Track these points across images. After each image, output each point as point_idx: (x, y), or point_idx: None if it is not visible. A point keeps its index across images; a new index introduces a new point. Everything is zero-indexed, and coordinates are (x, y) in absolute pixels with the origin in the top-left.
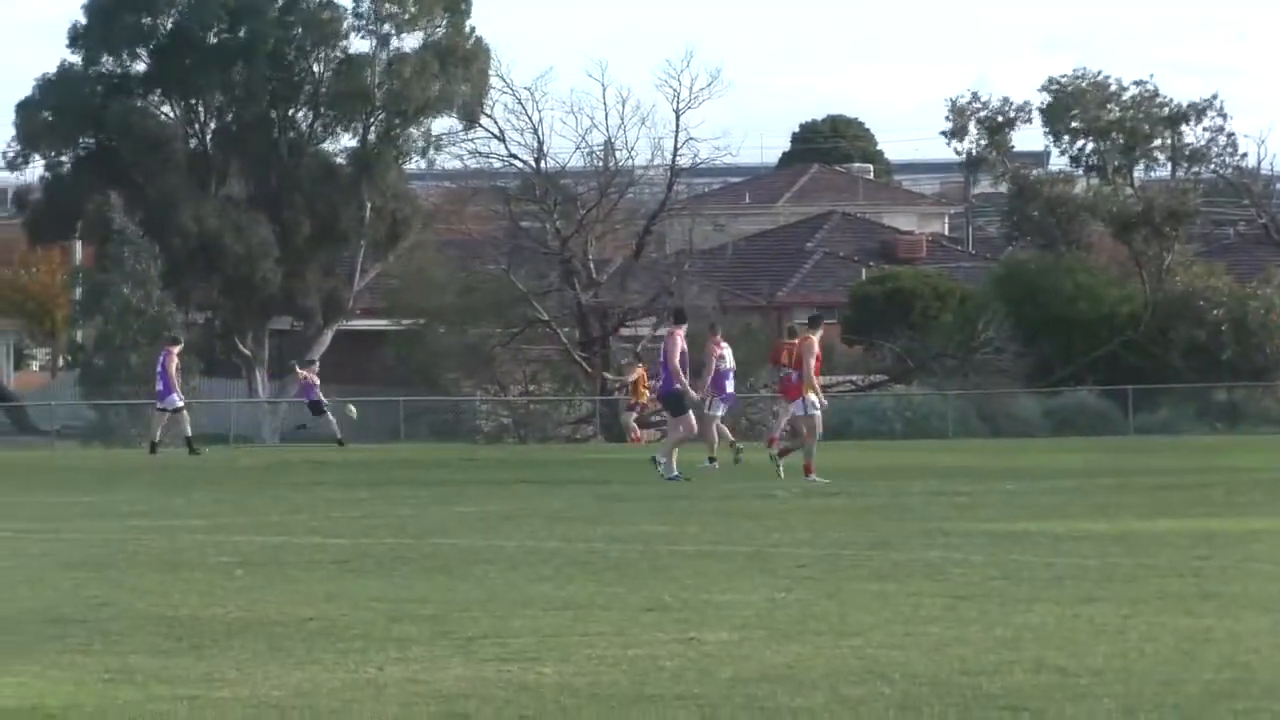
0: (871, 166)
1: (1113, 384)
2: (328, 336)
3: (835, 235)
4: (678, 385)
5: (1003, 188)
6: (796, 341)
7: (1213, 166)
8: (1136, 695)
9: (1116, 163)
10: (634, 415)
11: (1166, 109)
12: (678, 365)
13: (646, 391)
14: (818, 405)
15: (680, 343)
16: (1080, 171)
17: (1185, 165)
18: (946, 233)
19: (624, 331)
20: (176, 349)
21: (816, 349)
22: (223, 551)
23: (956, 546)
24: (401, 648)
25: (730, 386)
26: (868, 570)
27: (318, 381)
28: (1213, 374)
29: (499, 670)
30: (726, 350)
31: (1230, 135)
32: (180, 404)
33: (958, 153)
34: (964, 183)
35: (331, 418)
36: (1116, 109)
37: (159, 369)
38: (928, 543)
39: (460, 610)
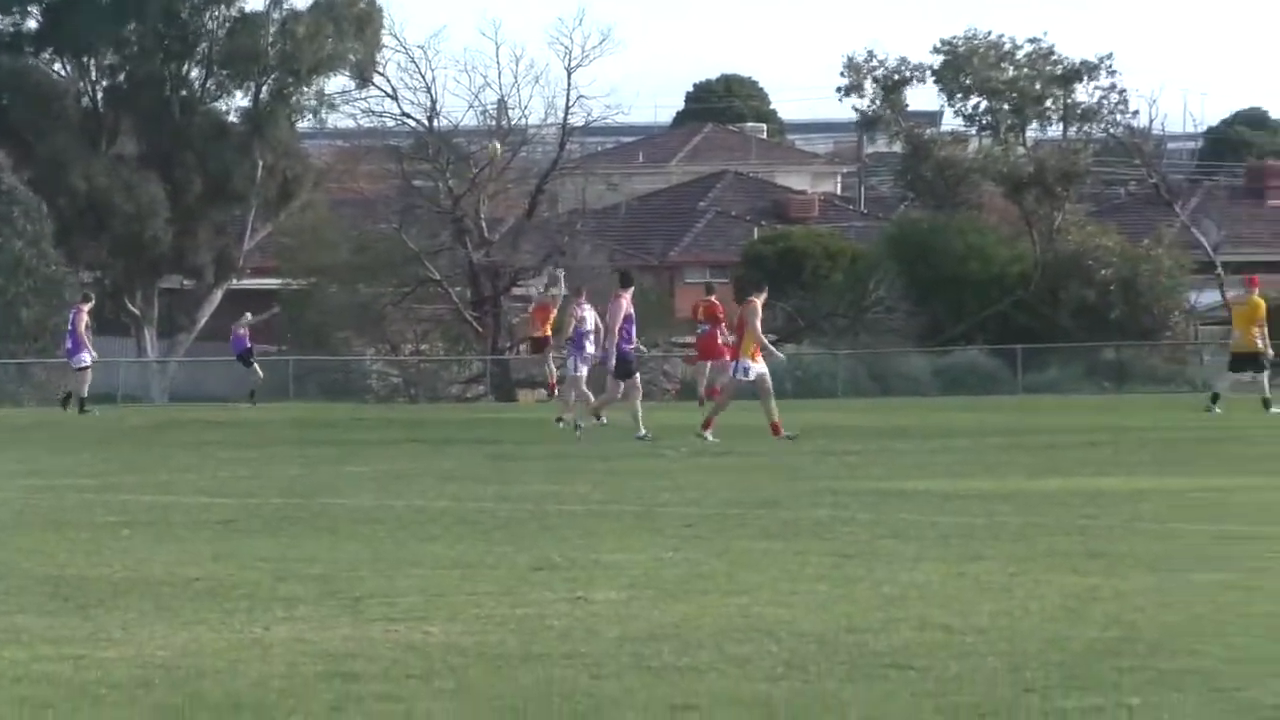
0: (765, 126)
1: (1002, 343)
2: (218, 295)
3: (728, 194)
4: (628, 348)
5: (896, 147)
6: (713, 299)
7: (1104, 126)
8: (1022, 653)
9: (1009, 122)
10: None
11: (1060, 67)
12: (617, 328)
13: (548, 329)
14: (753, 373)
15: (625, 306)
16: (974, 131)
17: (1077, 124)
18: (839, 192)
19: (516, 291)
20: (88, 307)
21: (760, 311)
22: (110, 511)
23: (844, 505)
24: (288, 607)
25: (590, 348)
26: (756, 529)
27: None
28: (1101, 333)
29: (386, 630)
30: (588, 312)
31: (1122, 93)
32: (88, 363)
33: (856, 109)
34: (857, 142)
35: (259, 371)
36: (1010, 68)
37: (69, 327)
38: (816, 501)
39: (348, 570)
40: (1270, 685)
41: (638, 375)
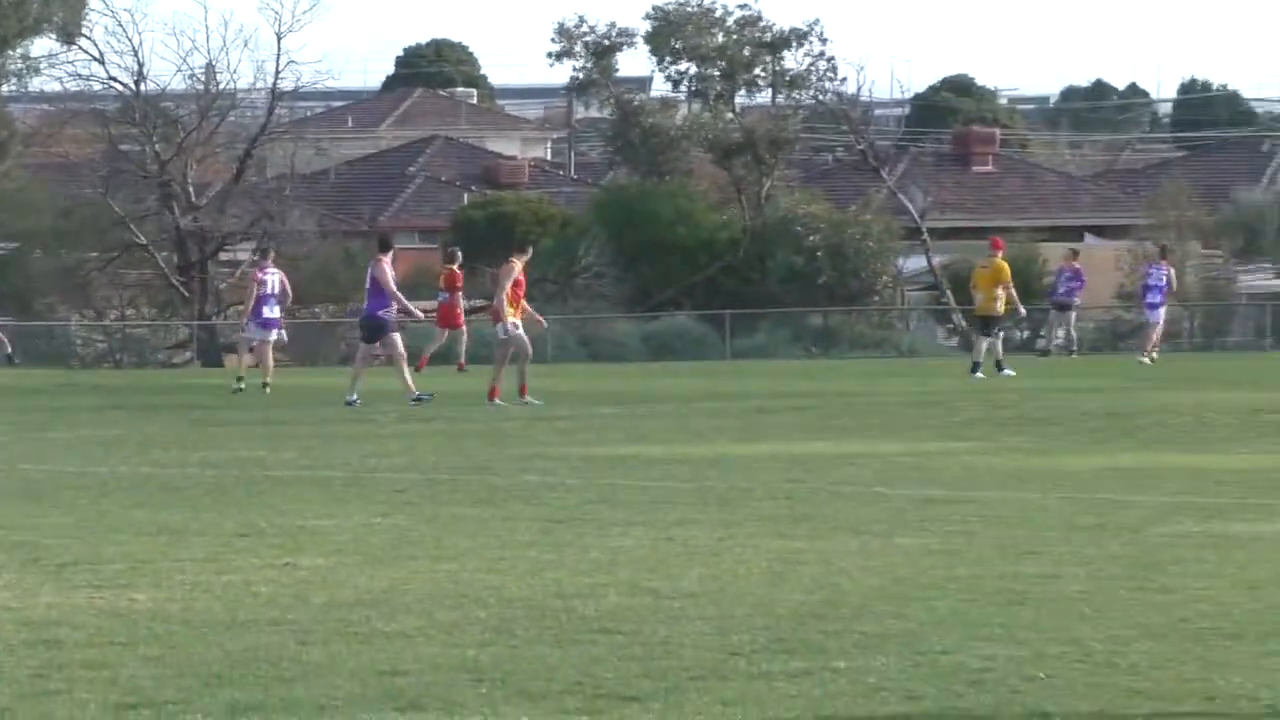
0: (475, 91)
1: (711, 309)
2: None
3: (438, 160)
4: (380, 311)
5: (606, 113)
6: (454, 267)
7: (813, 92)
8: (729, 617)
9: (718, 89)
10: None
11: (769, 34)
12: (394, 289)
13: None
14: (519, 326)
15: (389, 268)
16: (683, 97)
17: (786, 91)
18: (549, 158)
19: (223, 256)
20: None
21: (516, 273)
22: None
23: (553, 471)
24: None
25: (270, 313)
26: (465, 495)
27: None
28: (810, 299)
29: (90, 597)
30: (269, 276)
31: (830, 60)
32: None
33: (575, 70)
34: (567, 108)
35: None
36: (720, 34)
37: None
38: (525, 467)
39: (51, 537)
40: (972, 649)
41: (378, 344)
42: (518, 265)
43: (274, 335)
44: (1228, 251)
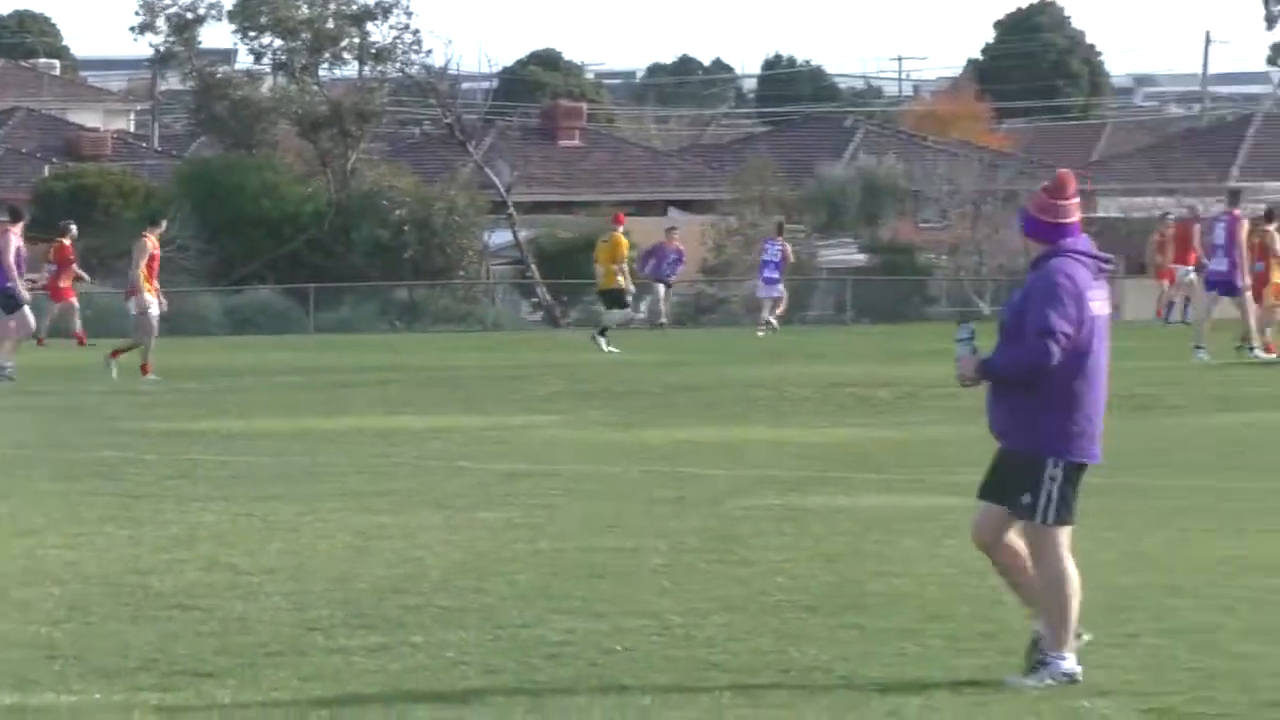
0: (58, 62)
1: (295, 282)
2: None
3: (19, 131)
4: (9, 284)
5: (190, 85)
6: (64, 241)
7: (399, 65)
8: (307, 593)
9: (303, 62)
10: None
11: (354, 6)
12: (11, 262)
13: None
14: (155, 306)
15: (15, 240)
16: (268, 69)
17: (372, 64)
18: (132, 130)
19: None
20: None
21: (149, 250)
22: None
23: (132, 446)
24: None
25: None
26: (42, 470)
27: None
28: (394, 273)
29: None
30: None
31: (417, 33)
32: None
33: (153, 46)
34: (151, 80)
35: None
36: (305, 6)
37: None
38: (105, 442)
39: None
40: (552, 622)
41: (26, 309)
42: (150, 241)
43: None
44: (810, 226)
